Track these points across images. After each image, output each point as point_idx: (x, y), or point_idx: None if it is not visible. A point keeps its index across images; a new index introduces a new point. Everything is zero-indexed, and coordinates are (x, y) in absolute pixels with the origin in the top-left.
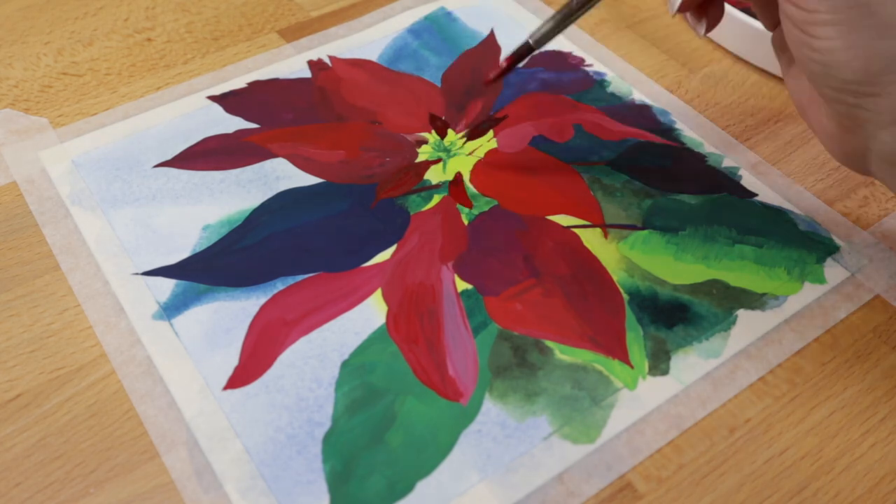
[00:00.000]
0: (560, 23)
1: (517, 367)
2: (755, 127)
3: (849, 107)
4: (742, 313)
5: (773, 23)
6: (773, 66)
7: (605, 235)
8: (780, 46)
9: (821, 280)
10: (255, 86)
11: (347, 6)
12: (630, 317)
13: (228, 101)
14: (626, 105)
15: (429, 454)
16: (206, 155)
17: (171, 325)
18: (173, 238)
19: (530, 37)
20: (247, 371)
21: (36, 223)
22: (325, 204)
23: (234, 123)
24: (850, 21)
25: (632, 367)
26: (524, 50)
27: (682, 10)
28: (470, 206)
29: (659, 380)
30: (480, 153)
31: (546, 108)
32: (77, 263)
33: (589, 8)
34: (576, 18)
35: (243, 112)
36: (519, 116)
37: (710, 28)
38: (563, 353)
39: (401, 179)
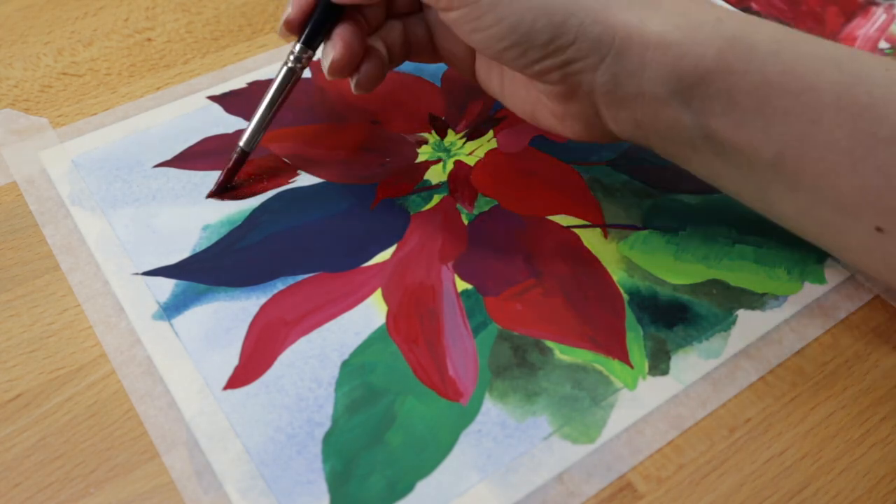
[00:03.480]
0: (262, 120)
1: (517, 367)
2: None
3: (559, 70)
4: (742, 313)
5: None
6: None
7: (605, 235)
8: (485, 77)
9: (821, 280)
10: (255, 86)
11: None
12: (630, 317)
13: (228, 101)
14: None
15: (429, 454)
16: (206, 155)
17: (171, 325)
18: (173, 238)
19: (243, 143)
20: (247, 371)
21: (36, 223)
22: (325, 204)
23: (234, 123)
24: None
25: (632, 367)
26: (239, 158)
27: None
28: (471, 209)
29: (659, 380)
30: (480, 153)
31: None
32: (77, 263)
33: (284, 98)
34: (276, 110)
35: (243, 112)
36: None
37: (363, 87)
38: (563, 353)
39: (401, 179)
